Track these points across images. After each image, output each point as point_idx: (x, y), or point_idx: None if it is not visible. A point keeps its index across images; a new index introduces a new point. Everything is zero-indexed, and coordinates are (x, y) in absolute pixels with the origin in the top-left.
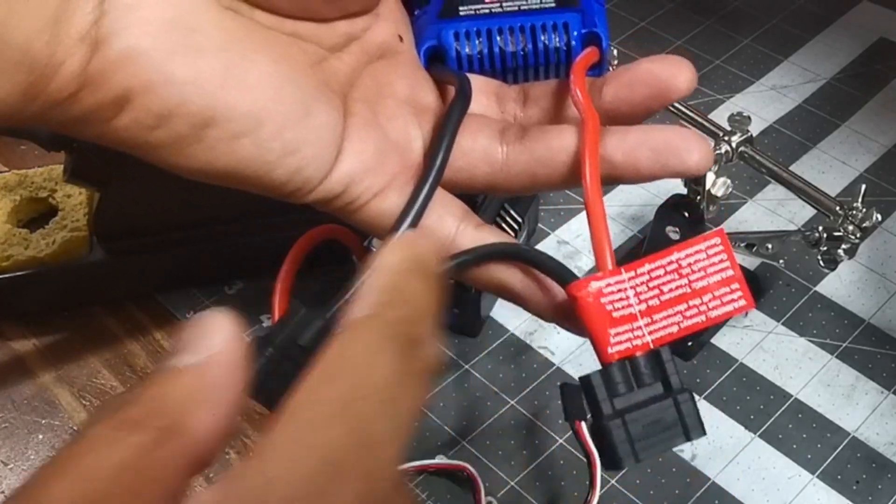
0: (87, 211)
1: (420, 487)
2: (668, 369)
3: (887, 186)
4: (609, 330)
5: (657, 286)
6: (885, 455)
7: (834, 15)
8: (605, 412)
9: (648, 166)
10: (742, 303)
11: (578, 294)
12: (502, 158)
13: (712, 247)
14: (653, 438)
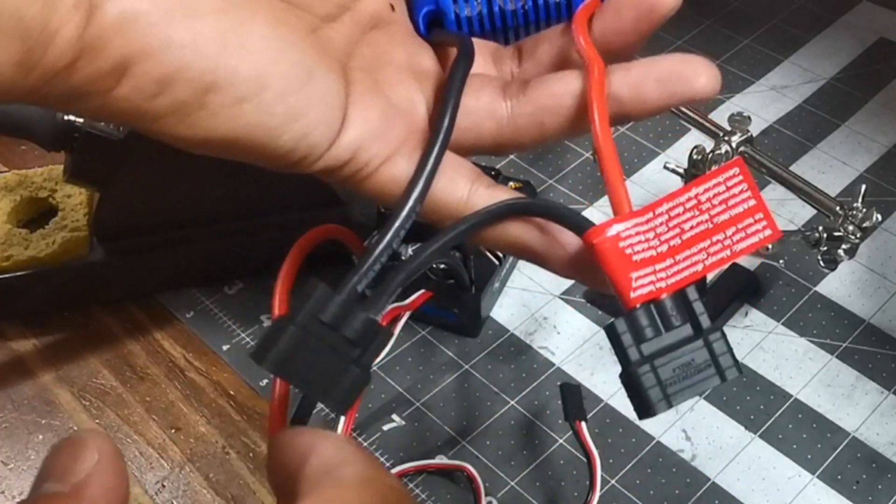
0: (87, 211)
1: (420, 487)
2: (695, 309)
3: (887, 186)
4: (630, 274)
5: (677, 224)
6: (885, 455)
7: (834, 15)
8: (633, 358)
9: (657, 97)
10: (768, 232)
11: (596, 241)
12: (507, 113)
13: (731, 178)
14: (685, 381)
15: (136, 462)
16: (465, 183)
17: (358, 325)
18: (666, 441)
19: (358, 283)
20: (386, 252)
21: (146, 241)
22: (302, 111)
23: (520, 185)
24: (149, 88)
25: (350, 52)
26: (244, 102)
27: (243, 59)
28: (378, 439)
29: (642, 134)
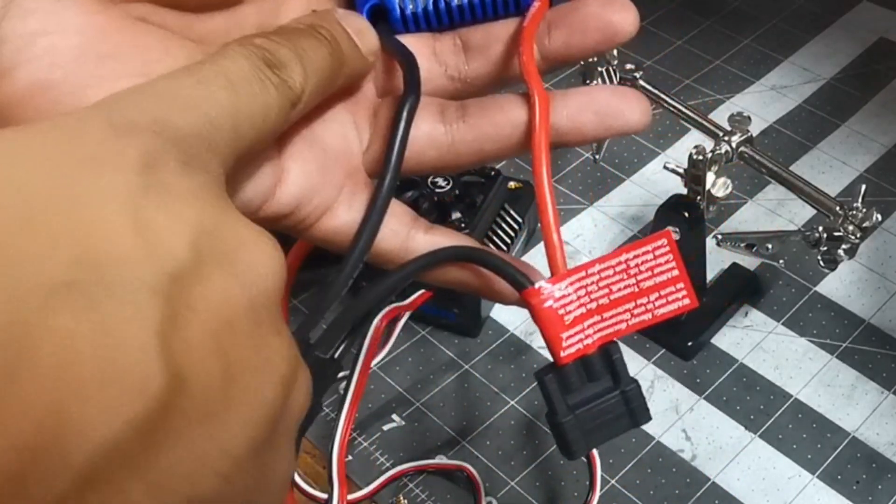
0: None
1: (420, 487)
2: (616, 364)
3: (887, 186)
4: (562, 334)
5: (607, 286)
6: (885, 455)
7: (834, 15)
8: (559, 410)
9: (592, 129)
10: (686, 301)
11: (532, 301)
12: (448, 140)
13: (659, 248)
14: (603, 428)
15: None
16: (404, 228)
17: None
18: (666, 441)
19: (312, 334)
20: (333, 301)
21: None
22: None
23: (519, 185)
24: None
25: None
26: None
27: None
28: (378, 439)
29: (642, 134)
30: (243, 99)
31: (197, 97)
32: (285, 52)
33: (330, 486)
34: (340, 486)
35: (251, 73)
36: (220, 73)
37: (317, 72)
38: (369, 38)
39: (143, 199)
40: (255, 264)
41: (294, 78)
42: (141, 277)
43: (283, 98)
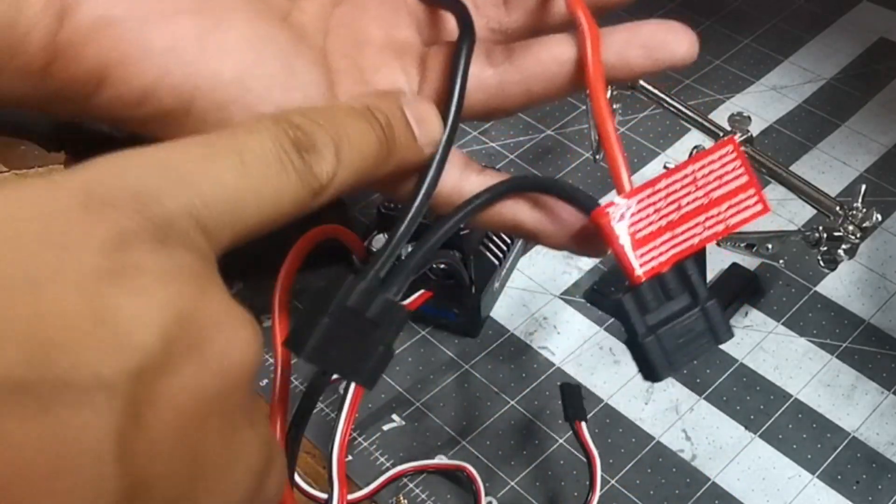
0: None
1: (420, 487)
2: (693, 280)
3: (887, 186)
4: (635, 251)
5: (675, 200)
6: (885, 455)
7: (834, 15)
8: (640, 331)
9: (640, 63)
10: (759, 207)
11: (601, 221)
12: (495, 82)
13: (725, 155)
14: (686, 348)
15: None
16: (457, 171)
17: (378, 306)
18: (666, 441)
19: (380, 270)
20: (405, 238)
21: None
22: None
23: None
24: (130, 97)
25: (324, 30)
26: (230, 105)
27: (224, 61)
28: (378, 439)
29: (642, 134)
30: (252, 182)
31: (196, 173)
32: (321, 136)
33: (330, 486)
34: (340, 486)
35: (271, 155)
36: (233, 150)
37: (355, 161)
38: (431, 128)
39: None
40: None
41: (322, 166)
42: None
43: (304, 186)
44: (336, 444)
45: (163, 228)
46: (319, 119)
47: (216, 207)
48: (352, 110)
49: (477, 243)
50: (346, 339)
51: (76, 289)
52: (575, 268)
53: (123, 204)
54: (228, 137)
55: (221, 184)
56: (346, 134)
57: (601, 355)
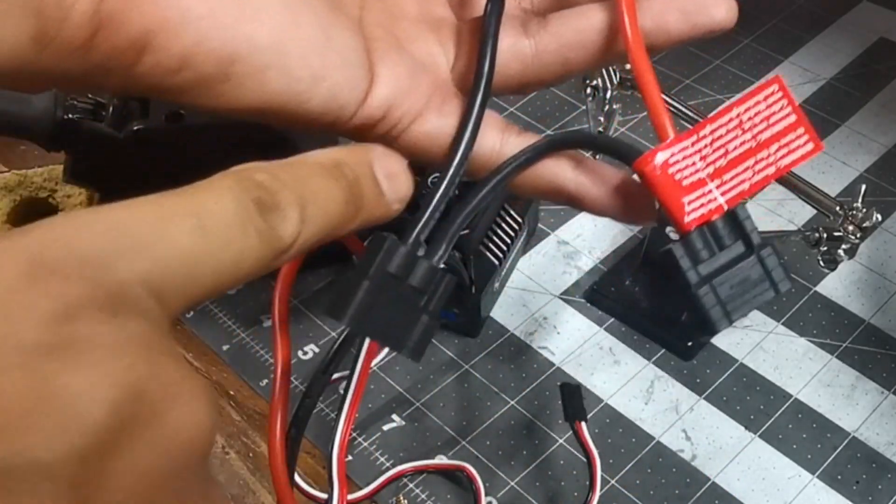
0: None
1: (420, 487)
2: (746, 227)
3: (887, 186)
4: (682, 199)
5: (722, 146)
6: (885, 455)
7: (834, 15)
8: (693, 281)
9: (678, 28)
10: (810, 146)
11: (646, 169)
12: (532, 51)
13: (771, 95)
14: (743, 297)
15: None
16: (496, 133)
17: (423, 273)
18: (666, 441)
19: (421, 233)
20: (444, 200)
21: None
22: (326, 73)
23: None
24: (170, 64)
25: (361, 5)
26: (268, 70)
27: (261, 26)
28: (378, 439)
29: (642, 134)
30: (211, 246)
31: (150, 237)
32: (286, 196)
33: (330, 486)
34: (340, 486)
35: (232, 217)
36: (191, 212)
37: (320, 220)
38: (401, 185)
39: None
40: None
41: (286, 227)
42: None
43: (266, 248)
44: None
45: (114, 297)
46: (283, 176)
47: (171, 274)
48: (318, 166)
49: (477, 243)
50: (389, 307)
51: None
52: (575, 268)
53: (72, 272)
54: (187, 197)
55: (178, 249)
56: (312, 192)
57: (601, 355)
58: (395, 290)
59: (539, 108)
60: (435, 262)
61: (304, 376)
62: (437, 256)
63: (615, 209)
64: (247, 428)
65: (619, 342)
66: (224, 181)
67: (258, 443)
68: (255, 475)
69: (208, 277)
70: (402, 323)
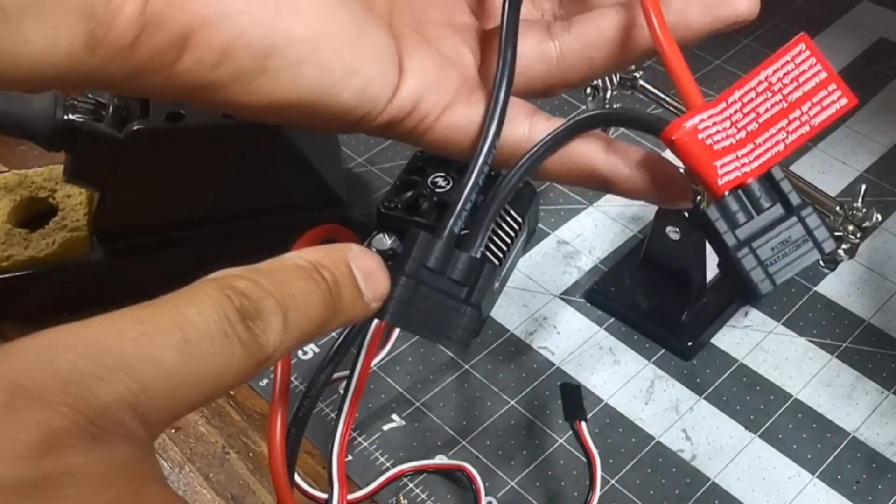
0: (87, 211)
1: (420, 487)
2: (783, 188)
3: (887, 186)
4: (714, 163)
5: (752, 110)
6: (885, 455)
7: (834, 15)
8: (730, 243)
9: (701, 21)
10: (844, 101)
11: (675, 136)
12: (556, 53)
13: (798, 55)
14: (785, 259)
15: None
16: (525, 119)
17: (462, 265)
18: (666, 441)
19: (454, 225)
20: (475, 190)
21: (146, 241)
22: (358, 66)
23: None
24: (210, 59)
25: (390, 10)
26: (303, 63)
27: (297, 21)
28: (378, 439)
29: (642, 134)
30: (196, 361)
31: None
32: (268, 302)
33: (330, 486)
34: (340, 486)
35: (216, 328)
36: (175, 326)
37: (302, 325)
38: (378, 283)
39: (33, 498)
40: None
41: (269, 335)
42: None
43: (249, 358)
44: (336, 444)
45: (97, 422)
46: (264, 282)
47: (155, 394)
48: (297, 269)
49: None
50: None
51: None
52: (575, 268)
53: (53, 397)
54: (169, 311)
55: (161, 368)
56: (293, 297)
57: (601, 355)
58: (435, 284)
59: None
60: (473, 253)
61: (304, 376)
62: (474, 246)
63: (649, 190)
64: (247, 428)
65: (619, 342)
66: (205, 289)
67: (258, 443)
68: (255, 475)
69: (192, 394)
70: (445, 316)
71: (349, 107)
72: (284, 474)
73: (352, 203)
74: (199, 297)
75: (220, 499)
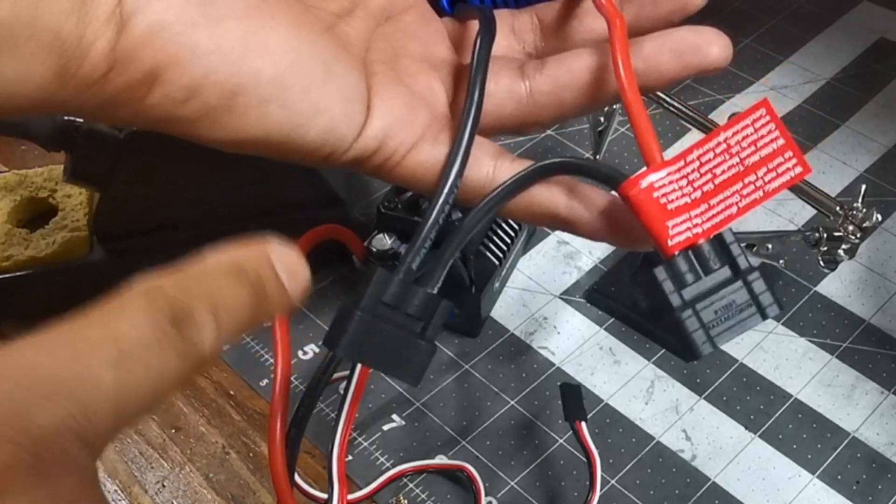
0: (87, 211)
1: (420, 487)
2: (733, 251)
3: (887, 186)
4: (667, 223)
5: (709, 170)
6: (885, 455)
7: (834, 15)
8: (675, 304)
9: (671, 68)
10: (799, 169)
11: (631, 193)
12: (527, 92)
13: (758, 119)
14: (727, 322)
15: (136, 462)
16: (490, 160)
17: (418, 300)
18: (666, 441)
19: (412, 262)
20: (434, 228)
21: (147, 241)
22: (325, 106)
23: None
24: (178, 95)
25: (367, 45)
26: (269, 102)
27: (266, 61)
28: (378, 439)
29: None
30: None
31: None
32: (198, 304)
33: (330, 486)
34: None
35: (150, 337)
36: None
37: (232, 324)
38: (300, 278)
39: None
40: None
41: (203, 339)
42: None
43: (185, 363)
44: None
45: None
46: (191, 285)
47: (97, 416)
48: (221, 271)
49: (477, 243)
50: (385, 335)
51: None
52: (575, 268)
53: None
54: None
55: (100, 387)
56: (221, 297)
57: (601, 355)
58: (390, 318)
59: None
60: (430, 289)
61: (304, 376)
62: (431, 283)
63: (608, 233)
64: (247, 428)
65: (619, 342)
66: (135, 301)
67: (258, 443)
68: (255, 475)
69: (133, 409)
70: (399, 350)
71: (315, 145)
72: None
73: (352, 203)
74: (129, 308)
75: (220, 499)
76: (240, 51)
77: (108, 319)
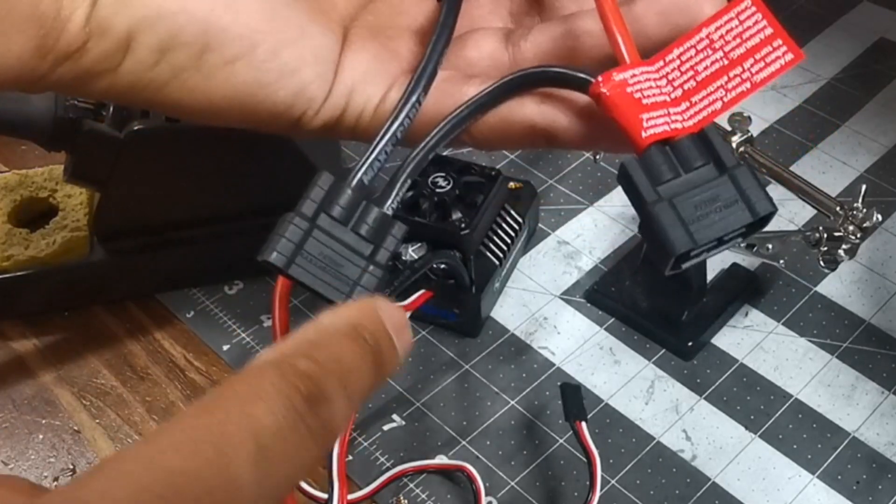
0: (87, 211)
1: (420, 487)
2: (717, 147)
3: (887, 186)
4: (641, 115)
5: (691, 68)
6: (885, 455)
7: (834, 15)
8: (648, 198)
9: (657, 31)
10: (790, 56)
11: (603, 88)
12: (510, 59)
13: (743, 11)
14: (711, 218)
15: None
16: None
17: (370, 220)
18: (666, 441)
19: (365, 175)
20: (391, 140)
21: (146, 241)
22: (295, 67)
23: (520, 185)
24: (149, 58)
25: (354, 16)
26: (237, 61)
27: (233, 19)
28: (378, 439)
29: None
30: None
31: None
32: (331, 382)
33: (330, 486)
34: (340, 486)
35: (288, 425)
36: (248, 435)
37: (359, 396)
38: (406, 338)
39: None
40: None
41: (336, 418)
42: None
43: (320, 446)
44: (336, 444)
45: None
46: (321, 358)
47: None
48: (342, 337)
49: (477, 243)
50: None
51: None
52: (575, 268)
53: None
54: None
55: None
56: (349, 369)
57: (601, 355)
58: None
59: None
60: (385, 209)
61: None
62: (387, 203)
63: (590, 137)
64: None
65: (619, 342)
66: (267, 377)
67: None
68: None
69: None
70: (340, 269)
71: (284, 107)
72: None
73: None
74: (265, 390)
75: None
76: (206, 8)
77: (243, 405)
